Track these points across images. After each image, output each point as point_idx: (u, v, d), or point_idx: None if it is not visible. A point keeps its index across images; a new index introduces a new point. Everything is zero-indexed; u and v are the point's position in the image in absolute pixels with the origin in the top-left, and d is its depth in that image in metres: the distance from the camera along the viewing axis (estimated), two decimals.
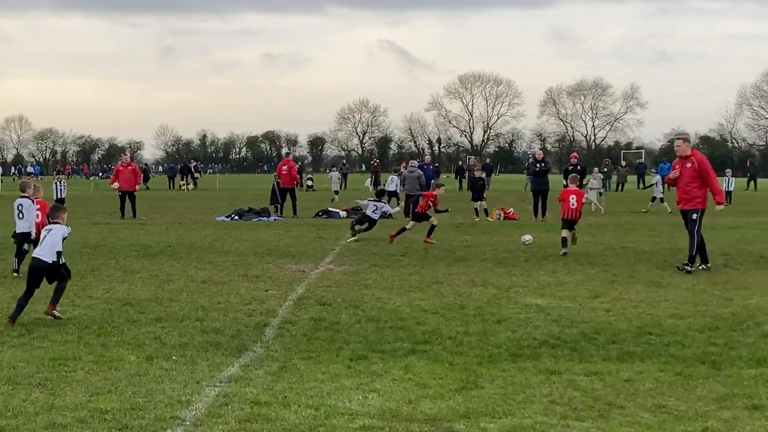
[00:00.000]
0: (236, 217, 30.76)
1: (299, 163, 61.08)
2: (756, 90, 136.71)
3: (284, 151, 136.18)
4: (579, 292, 13.79)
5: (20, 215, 15.56)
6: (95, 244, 20.77)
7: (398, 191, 36.25)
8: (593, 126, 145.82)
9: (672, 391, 7.97)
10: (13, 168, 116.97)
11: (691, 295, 13.57)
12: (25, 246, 15.30)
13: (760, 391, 8.00)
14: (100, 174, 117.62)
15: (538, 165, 31.42)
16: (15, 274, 15.26)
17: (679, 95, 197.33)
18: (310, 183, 59.01)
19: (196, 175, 70.84)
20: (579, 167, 30.51)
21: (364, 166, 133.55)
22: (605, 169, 40.09)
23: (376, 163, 74.94)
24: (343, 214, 32.74)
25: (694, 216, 16.51)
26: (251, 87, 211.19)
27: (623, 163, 74.15)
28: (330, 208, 34.32)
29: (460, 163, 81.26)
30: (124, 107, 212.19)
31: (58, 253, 11.25)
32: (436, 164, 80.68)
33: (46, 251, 11.28)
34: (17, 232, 15.60)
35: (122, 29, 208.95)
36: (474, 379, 8.36)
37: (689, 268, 16.12)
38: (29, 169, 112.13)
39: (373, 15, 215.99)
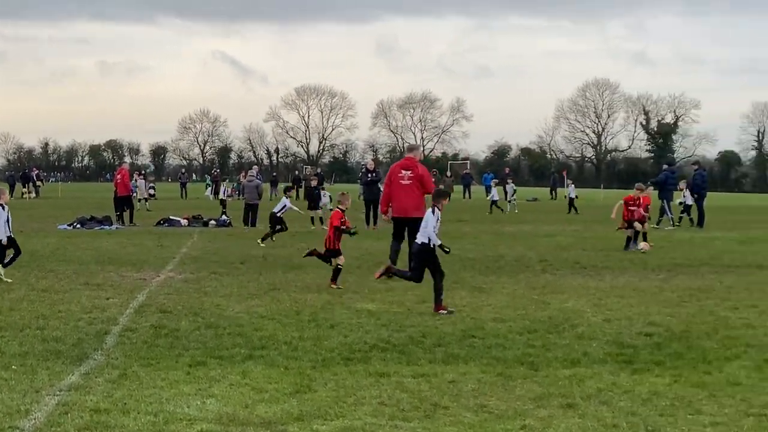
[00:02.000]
0: (78, 226, 30.20)
1: (143, 172, 60.11)
2: (572, 104, 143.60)
3: (126, 159, 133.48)
4: (407, 297, 14.23)
5: None
6: None
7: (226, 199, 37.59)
8: (422, 138, 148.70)
9: (493, 391, 8.42)
10: None
11: (512, 299, 14.25)
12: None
13: (574, 390, 8.50)
14: None
15: (369, 175, 32.21)
16: None
17: (501, 109, 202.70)
18: (152, 192, 58.05)
19: (38, 183, 68.69)
20: None
21: (190, 175, 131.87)
22: (433, 179, 41.74)
23: (216, 173, 75.05)
24: (184, 222, 32.66)
25: None
26: (91, 95, 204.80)
27: (449, 173, 76.60)
28: (171, 216, 34.10)
29: (296, 172, 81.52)
30: None
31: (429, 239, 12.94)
32: (274, 174, 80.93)
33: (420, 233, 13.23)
34: None
35: None
36: (308, 382, 8.65)
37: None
38: None
39: (204, 26, 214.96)
